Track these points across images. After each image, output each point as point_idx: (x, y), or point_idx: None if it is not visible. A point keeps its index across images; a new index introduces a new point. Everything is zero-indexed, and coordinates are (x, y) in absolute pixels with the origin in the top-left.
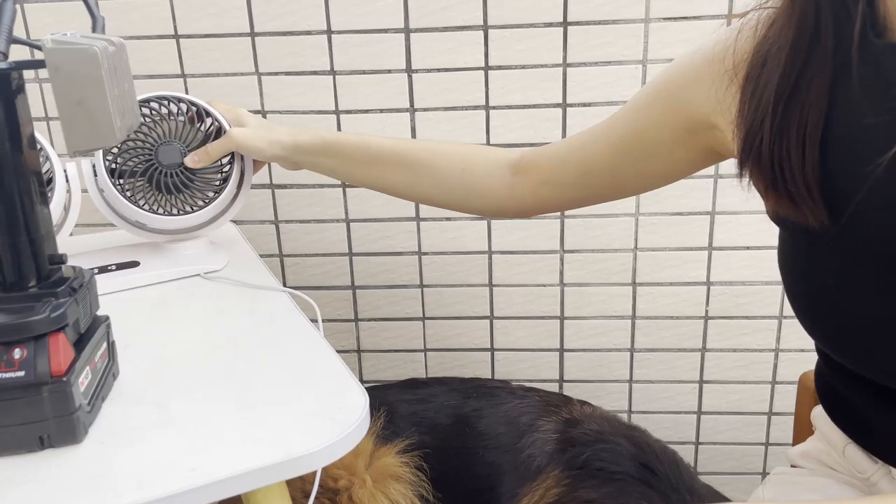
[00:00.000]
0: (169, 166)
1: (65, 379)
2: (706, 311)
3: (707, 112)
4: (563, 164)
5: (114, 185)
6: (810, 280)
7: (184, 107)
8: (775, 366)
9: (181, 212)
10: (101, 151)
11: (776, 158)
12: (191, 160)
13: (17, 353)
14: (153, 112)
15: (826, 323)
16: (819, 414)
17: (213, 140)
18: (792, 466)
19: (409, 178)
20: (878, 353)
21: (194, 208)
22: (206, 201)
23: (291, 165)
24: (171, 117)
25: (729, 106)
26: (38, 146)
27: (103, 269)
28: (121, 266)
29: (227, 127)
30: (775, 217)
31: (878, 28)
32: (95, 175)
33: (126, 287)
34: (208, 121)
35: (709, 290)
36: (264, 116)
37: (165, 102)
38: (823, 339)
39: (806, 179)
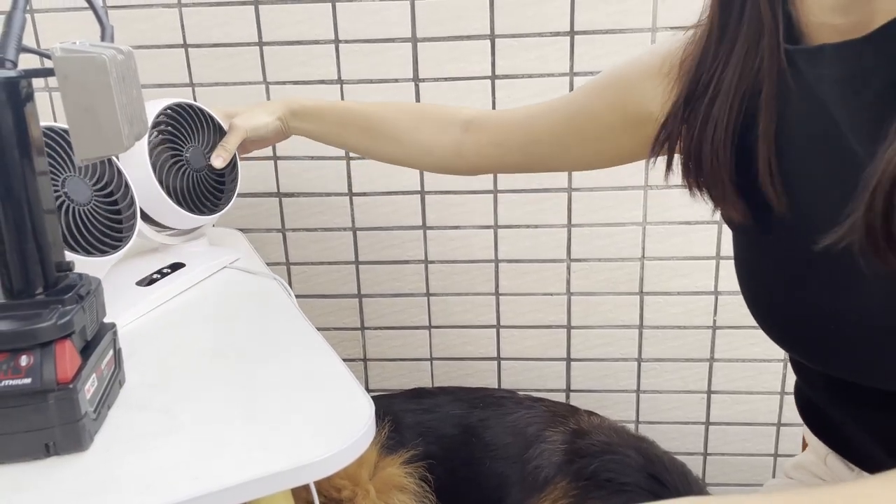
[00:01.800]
0: (198, 169)
1: (71, 386)
2: (714, 321)
3: (653, 107)
4: (513, 129)
5: (162, 188)
6: (752, 277)
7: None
8: (784, 376)
9: (210, 211)
10: (147, 160)
11: (693, 155)
12: (217, 160)
13: (23, 360)
14: (180, 119)
15: (775, 320)
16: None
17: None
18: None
19: (370, 137)
20: (817, 343)
21: (218, 206)
22: (228, 196)
23: (280, 136)
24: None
25: (672, 105)
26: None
27: (162, 274)
28: (173, 268)
29: (223, 125)
30: (724, 216)
31: (795, 35)
32: None
33: (188, 286)
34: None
35: (717, 299)
36: None
37: (178, 109)
38: (771, 333)
39: (725, 179)
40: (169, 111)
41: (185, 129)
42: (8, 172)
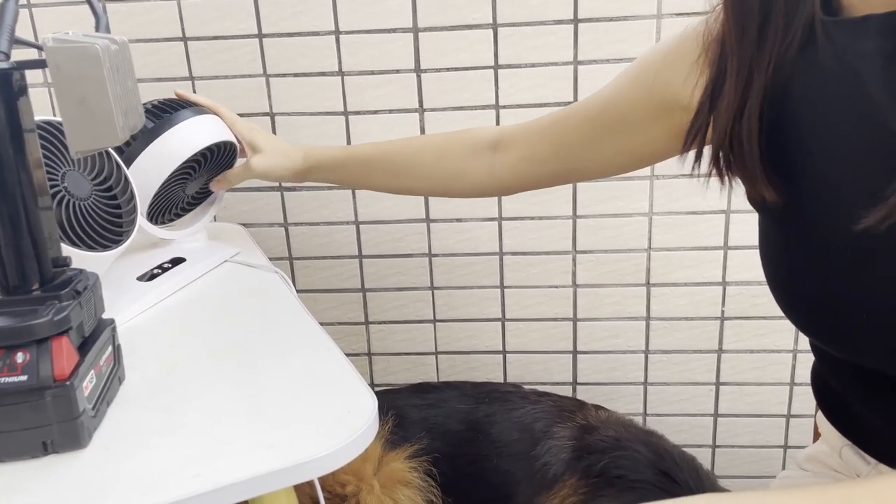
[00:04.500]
0: (188, 194)
1: (68, 383)
2: (722, 312)
3: (682, 94)
4: (542, 138)
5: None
6: (780, 261)
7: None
8: (793, 367)
9: (166, 226)
10: (168, 173)
11: (727, 136)
12: (215, 185)
13: (19, 357)
14: (216, 153)
15: (795, 302)
16: (822, 416)
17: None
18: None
19: (394, 178)
20: (845, 331)
21: (174, 226)
22: (193, 218)
23: (295, 181)
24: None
25: (699, 84)
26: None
27: (162, 269)
28: (173, 263)
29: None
30: (751, 200)
31: (834, 7)
32: None
33: (189, 281)
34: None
35: (725, 290)
36: (272, 119)
37: (222, 146)
38: (797, 320)
39: (754, 157)
40: (222, 145)
41: (211, 161)
42: (1, 167)
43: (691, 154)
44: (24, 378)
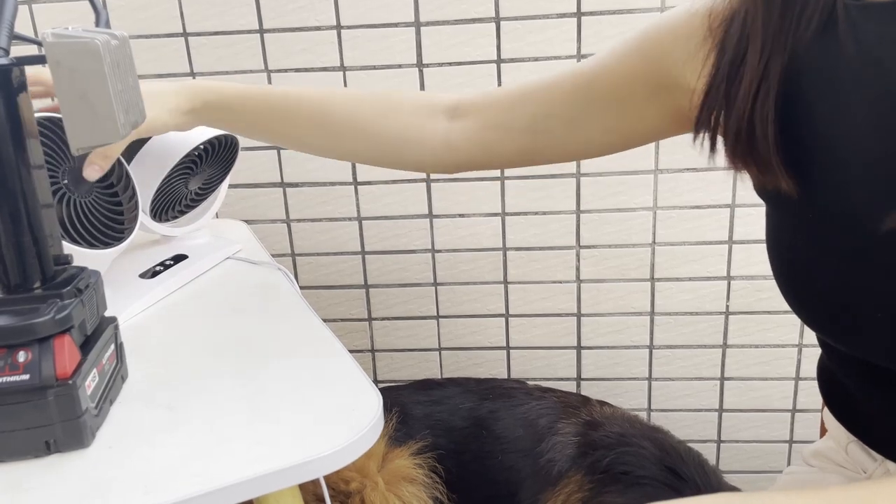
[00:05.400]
0: (188, 191)
1: (70, 382)
2: (727, 307)
3: (687, 73)
4: (518, 105)
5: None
6: (788, 253)
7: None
8: (799, 361)
9: (163, 220)
10: (169, 168)
11: (743, 119)
12: (90, 172)
13: (21, 356)
14: (215, 149)
15: (806, 297)
16: (828, 412)
17: None
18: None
19: (323, 132)
20: (855, 326)
21: (177, 221)
22: (197, 214)
23: (185, 129)
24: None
25: (706, 66)
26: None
27: (165, 266)
28: (176, 260)
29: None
30: (759, 191)
31: None
32: None
33: (191, 278)
34: None
35: (729, 284)
36: None
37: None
38: (804, 314)
39: (768, 144)
40: (223, 139)
41: (212, 156)
42: (1, 164)
43: (703, 144)
44: (26, 377)
